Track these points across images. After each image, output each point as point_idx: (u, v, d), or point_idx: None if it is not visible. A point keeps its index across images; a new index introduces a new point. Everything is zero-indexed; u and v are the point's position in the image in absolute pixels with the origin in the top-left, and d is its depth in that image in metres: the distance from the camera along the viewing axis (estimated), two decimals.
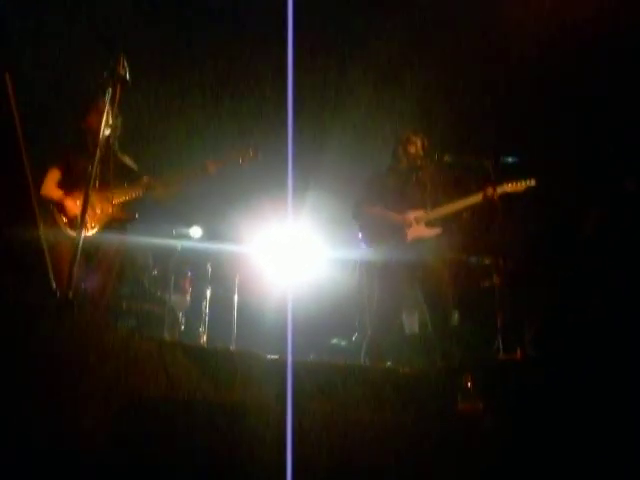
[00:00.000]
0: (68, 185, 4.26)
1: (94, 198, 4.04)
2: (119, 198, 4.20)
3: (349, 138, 6.48)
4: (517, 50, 5.89)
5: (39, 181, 4.23)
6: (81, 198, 4.09)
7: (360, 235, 4.80)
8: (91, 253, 4.01)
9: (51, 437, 2.25)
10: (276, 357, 3.38)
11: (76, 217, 4.08)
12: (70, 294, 2.70)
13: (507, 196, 4.58)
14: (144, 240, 5.38)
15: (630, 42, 5.50)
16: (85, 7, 5.63)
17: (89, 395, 2.46)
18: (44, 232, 2.40)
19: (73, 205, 4.16)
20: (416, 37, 6.14)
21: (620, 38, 5.50)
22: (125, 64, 3.49)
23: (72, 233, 3.99)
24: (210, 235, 6.59)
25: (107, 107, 3.38)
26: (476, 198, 4.57)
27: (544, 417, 2.92)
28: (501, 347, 4.36)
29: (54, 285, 2.59)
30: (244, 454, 2.62)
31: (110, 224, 4.19)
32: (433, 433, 2.98)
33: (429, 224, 4.61)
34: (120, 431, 2.47)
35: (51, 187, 4.26)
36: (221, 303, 6.37)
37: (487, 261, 5.51)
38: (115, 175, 4.15)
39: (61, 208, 4.17)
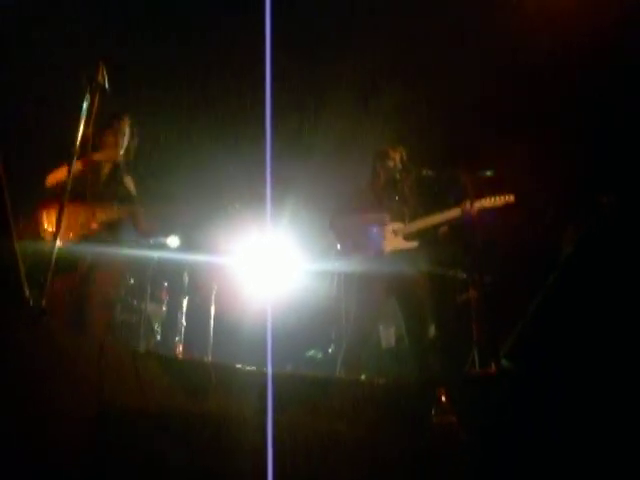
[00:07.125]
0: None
1: (80, 209, 3.93)
2: (101, 215, 4.06)
3: (328, 149, 6.49)
4: (497, 63, 5.96)
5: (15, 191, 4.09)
6: (70, 207, 4.02)
7: (338, 246, 4.81)
8: (67, 264, 3.94)
9: (22, 446, 2.22)
10: (253, 369, 3.36)
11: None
12: (43, 303, 2.68)
13: (485, 211, 4.62)
14: (120, 248, 5.33)
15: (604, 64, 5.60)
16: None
17: (61, 404, 2.43)
18: (20, 242, 2.38)
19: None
20: (396, 51, 6.19)
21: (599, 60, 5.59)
22: (104, 72, 3.48)
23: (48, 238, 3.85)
24: (187, 245, 6.54)
25: (84, 115, 3.36)
26: (454, 212, 4.59)
27: (518, 431, 2.93)
28: (477, 361, 4.38)
29: (27, 294, 2.57)
30: (222, 467, 2.60)
31: (87, 237, 4.03)
32: (407, 446, 2.98)
33: (407, 237, 4.63)
34: (92, 441, 2.44)
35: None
36: (198, 313, 6.32)
37: (464, 275, 5.54)
38: (110, 193, 4.11)
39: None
